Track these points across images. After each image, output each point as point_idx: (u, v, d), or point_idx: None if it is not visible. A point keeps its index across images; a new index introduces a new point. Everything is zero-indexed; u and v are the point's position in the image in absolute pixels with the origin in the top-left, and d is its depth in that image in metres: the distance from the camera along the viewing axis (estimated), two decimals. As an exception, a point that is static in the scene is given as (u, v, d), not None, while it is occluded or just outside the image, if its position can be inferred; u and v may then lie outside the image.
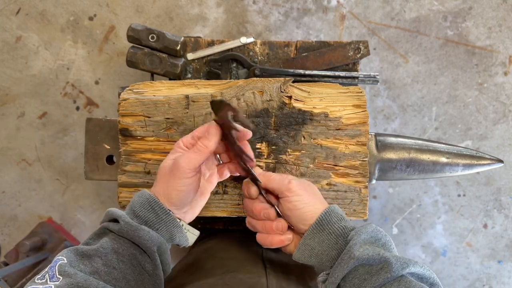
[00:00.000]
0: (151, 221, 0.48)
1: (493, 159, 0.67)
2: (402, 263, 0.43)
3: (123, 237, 0.46)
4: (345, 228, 0.48)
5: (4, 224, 1.24)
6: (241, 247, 0.68)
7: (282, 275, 0.57)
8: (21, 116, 1.18)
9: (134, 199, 0.50)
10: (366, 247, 0.45)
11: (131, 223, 0.46)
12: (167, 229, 0.49)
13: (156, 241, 0.47)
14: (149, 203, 0.48)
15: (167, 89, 0.61)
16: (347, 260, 0.44)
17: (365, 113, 0.59)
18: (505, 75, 1.15)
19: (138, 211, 0.48)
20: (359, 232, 0.46)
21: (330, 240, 0.48)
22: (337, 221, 0.49)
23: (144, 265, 0.46)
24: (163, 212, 0.48)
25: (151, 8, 1.14)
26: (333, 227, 0.48)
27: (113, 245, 0.45)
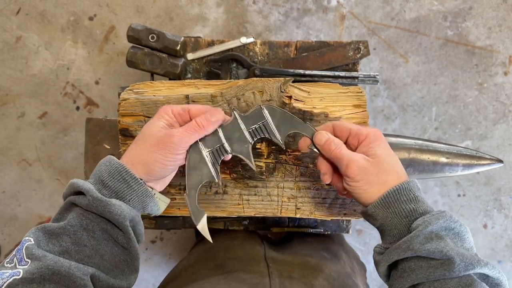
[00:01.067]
0: (121, 191, 0.45)
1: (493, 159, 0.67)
2: (467, 263, 0.40)
3: (92, 212, 0.43)
4: (413, 211, 0.45)
5: (4, 224, 1.24)
6: (243, 247, 0.68)
7: (285, 274, 0.57)
8: (21, 116, 1.18)
9: (101, 167, 0.46)
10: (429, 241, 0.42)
11: (100, 198, 0.43)
12: (139, 199, 0.46)
13: (129, 214, 0.44)
14: (119, 173, 0.45)
15: (167, 89, 0.61)
16: (404, 249, 0.43)
17: (365, 113, 0.59)
18: (505, 75, 1.15)
19: (107, 180, 0.45)
20: (427, 223, 0.43)
21: (394, 219, 0.46)
22: (406, 201, 0.46)
23: (117, 238, 0.44)
24: (135, 182, 0.46)
25: (151, 8, 1.14)
26: (400, 207, 0.45)
27: (81, 221, 0.43)
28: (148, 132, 0.48)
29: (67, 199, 0.45)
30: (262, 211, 0.61)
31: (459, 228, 0.44)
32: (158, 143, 0.47)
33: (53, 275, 0.38)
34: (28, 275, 0.37)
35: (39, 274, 0.37)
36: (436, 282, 0.41)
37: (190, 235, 1.24)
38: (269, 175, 0.60)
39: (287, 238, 0.82)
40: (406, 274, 0.43)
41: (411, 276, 0.42)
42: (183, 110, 0.50)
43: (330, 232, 0.77)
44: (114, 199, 0.44)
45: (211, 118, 0.49)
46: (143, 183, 0.47)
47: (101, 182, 0.45)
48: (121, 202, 0.44)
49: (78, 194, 0.45)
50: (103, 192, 0.44)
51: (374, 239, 1.23)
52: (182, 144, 0.47)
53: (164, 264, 1.26)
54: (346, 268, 0.69)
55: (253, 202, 0.61)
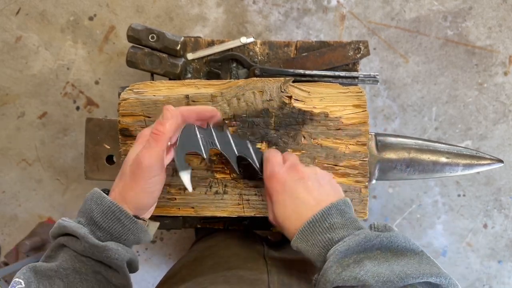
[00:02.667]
0: (117, 232, 0.44)
1: (493, 159, 0.67)
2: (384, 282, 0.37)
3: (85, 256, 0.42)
4: (330, 240, 0.43)
5: (4, 224, 1.24)
6: (243, 245, 0.68)
7: (284, 270, 0.57)
8: (21, 116, 1.18)
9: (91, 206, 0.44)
10: (345, 269, 0.40)
11: (96, 244, 0.42)
12: (135, 237, 0.45)
13: (126, 256, 0.43)
14: (112, 213, 0.43)
15: (167, 89, 0.61)
16: (324, 283, 0.41)
17: (365, 113, 0.59)
18: (505, 75, 1.15)
19: (100, 222, 0.43)
20: (338, 250, 0.41)
21: (314, 252, 0.44)
22: (321, 232, 0.44)
23: (111, 279, 0.44)
24: (130, 221, 0.44)
25: (151, 8, 1.14)
26: (316, 238, 0.43)
27: (74, 264, 0.42)
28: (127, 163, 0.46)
29: (58, 240, 0.44)
30: (263, 211, 0.61)
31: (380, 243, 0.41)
32: (132, 175, 0.45)
33: None
34: None
35: None
36: None
37: (190, 235, 1.24)
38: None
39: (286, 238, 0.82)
40: None
41: None
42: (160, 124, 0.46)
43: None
44: (109, 241, 0.43)
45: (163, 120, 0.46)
46: (137, 220, 0.45)
47: (94, 223, 0.43)
48: (118, 245, 0.43)
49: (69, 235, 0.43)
50: (97, 234, 0.43)
51: (374, 239, 1.23)
52: (152, 164, 0.44)
53: (164, 264, 1.26)
54: None
55: (253, 202, 0.61)
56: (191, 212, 0.62)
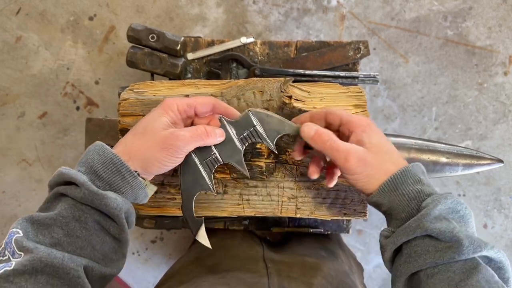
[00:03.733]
0: (116, 184, 0.44)
1: (493, 159, 0.67)
2: (476, 246, 0.40)
3: (85, 204, 0.42)
4: (420, 192, 0.44)
5: (4, 224, 1.24)
6: (242, 246, 0.68)
7: (284, 274, 0.57)
8: (21, 116, 1.18)
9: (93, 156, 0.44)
10: (439, 220, 0.41)
11: (95, 192, 0.42)
12: (133, 192, 0.46)
13: (124, 207, 0.44)
14: (113, 164, 0.44)
15: (167, 89, 0.61)
16: (414, 228, 0.42)
17: (365, 113, 0.59)
18: (505, 75, 1.15)
19: (101, 172, 0.44)
20: (436, 201, 0.42)
21: (402, 202, 0.44)
22: (412, 183, 0.45)
23: (109, 228, 0.43)
24: (130, 175, 0.44)
25: (151, 8, 1.14)
26: (407, 188, 0.44)
27: (73, 212, 0.42)
28: (151, 127, 0.47)
29: (56, 189, 0.44)
30: (262, 211, 0.61)
31: (465, 211, 0.43)
32: (161, 142, 0.46)
33: (46, 267, 0.37)
34: (20, 266, 0.36)
35: (31, 266, 0.37)
36: (442, 265, 0.40)
37: (190, 235, 1.24)
38: (269, 175, 0.60)
39: (286, 238, 0.82)
40: (412, 259, 0.42)
41: (418, 261, 0.41)
42: (189, 107, 0.49)
43: (330, 232, 0.78)
44: (109, 191, 0.43)
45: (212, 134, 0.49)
46: (137, 175, 0.46)
47: (94, 172, 0.44)
48: (116, 195, 0.43)
49: (67, 184, 0.43)
50: (96, 183, 0.43)
51: (374, 239, 1.23)
52: (186, 148, 0.47)
53: (164, 264, 1.26)
54: (344, 266, 0.69)
55: (253, 202, 0.61)
56: (191, 212, 0.61)
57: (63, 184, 0.44)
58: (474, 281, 0.38)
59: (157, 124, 0.47)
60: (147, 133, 0.47)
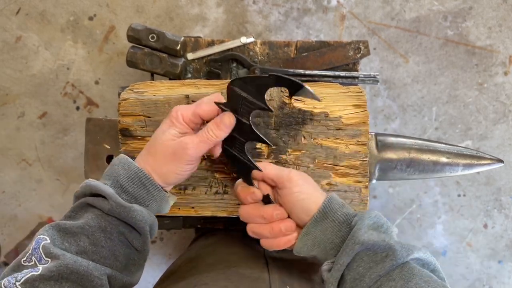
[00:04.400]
0: (141, 197, 0.46)
1: (493, 159, 0.67)
2: (407, 249, 0.42)
3: (111, 216, 0.44)
4: (347, 214, 0.47)
5: (4, 224, 1.24)
6: (243, 244, 0.68)
7: (284, 270, 0.57)
8: (21, 116, 1.18)
9: (118, 170, 0.46)
10: (370, 233, 0.44)
11: (123, 204, 0.43)
12: (157, 205, 0.48)
13: (149, 219, 0.45)
14: (139, 178, 0.46)
15: (167, 89, 0.61)
16: (352, 246, 0.43)
17: (365, 113, 0.59)
18: (505, 75, 1.15)
19: (126, 186, 0.45)
20: (363, 217, 0.45)
21: (334, 228, 0.47)
22: (339, 208, 0.48)
23: (132, 241, 0.45)
24: (155, 189, 0.47)
25: (151, 8, 1.14)
26: (336, 214, 0.47)
27: (100, 223, 0.43)
28: (160, 141, 0.48)
29: (84, 200, 0.45)
30: (262, 211, 0.61)
31: (387, 224, 0.47)
32: (172, 154, 0.47)
33: (72, 274, 0.38)
34: (46, 272, 0.37)
35: (58, 272, 0.38)
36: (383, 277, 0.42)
37: (190, 235, 1.24)
38: (269, 175, 0.60)
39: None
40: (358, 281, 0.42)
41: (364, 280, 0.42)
42: (194, 116, 0.49)
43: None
44: (135, 204, 0.45)
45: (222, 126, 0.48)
46: (161, 188, 0.47)
47: (120, 186, 0.45)
48: (142, 208, 0.45)
49: (95, 196, 0.45)
50: (122, 197, 0.45)
51: (374, 239, 1.23)
52: (197, 154, 0.47)
53: (164, 264, 1.26)
54: None
55: (253, 202, 0.60)
56: (191, 212, 0.62)
57: (90, 195, 0.45)
58: (413, 283, 0.40)
59: (166, 137, 0.48)
60: (158, 147, 0.48)
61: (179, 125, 0.48)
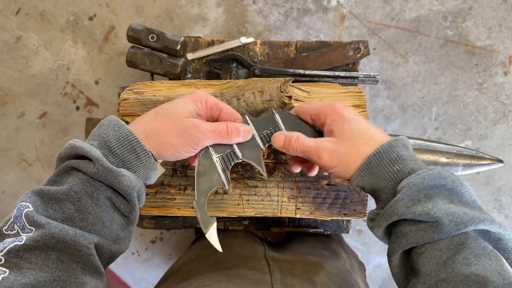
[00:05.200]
0: (129, 162, 0.43)
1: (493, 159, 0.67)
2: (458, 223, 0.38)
3: (98, 180, 0.41)
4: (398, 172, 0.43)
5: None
6: (244, 245, 0.68)
7: (286, 271, 0.57)
8: (21, 116, 1.18)
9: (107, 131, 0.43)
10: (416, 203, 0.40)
11: (110, 168, 0.41)
12: (145, 172, 0.45)
13: (137, 185, 0.43)
14: (129, 142, 0.43)
15: (167, 89, 0.61)
16: (390, 214, 0.41)
17: (365, 113, 0.59)
18: (505, 75, 1.15)
19: (115, 148, 0.43)
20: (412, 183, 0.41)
21: (380, 183, 0.44)
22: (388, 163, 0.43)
23: (119, 206, 0.43)
24: (145, 154, 0.44)
25: (151, 8, 1.14)
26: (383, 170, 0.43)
27: (86, 188, 0.41)
28: (174, 111, 0.46)
29: (67, 163, 0.42)
30: (262, 211, 0.61)
31: (452, 184, 0.41)
32: (182, 130, 0.45)
33: (58, 243, 0.37)
34: (31, 242, 0.36)
35: (43, 241, 0.36)
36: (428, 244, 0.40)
37: (190, 235, 1.24)
38: (269, 175, 0.60)
39: (287, 239, 0.82)
40: (398, 239, 0.42)
41: (402, 241, 0.41)
42: (216, 107, 0.49)
43: (330, 232, 0.77)
44: (122, 169, 0.42)
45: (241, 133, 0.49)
46: (151, 155, 0.45)
47: (108, 147, 0.43)
48: (130, 173, 0.43)
49: (79, 158, 0.42)
50: (110, 159, 0.43)
51: (374, 239, 1.23)
52: (205, 142, 0.46)
53: (164, 264, 1.26)
54: (346, 265, 0.69)
55: (253, 202, 0.61)
56: (191, 212, 0.62)
57: (75, 157, 0.43)
58: (462, 257, 0.37)
59: (181, 110, 0.46)
60: (169, 116, 0.46)
61: (200, 105, 0.48)
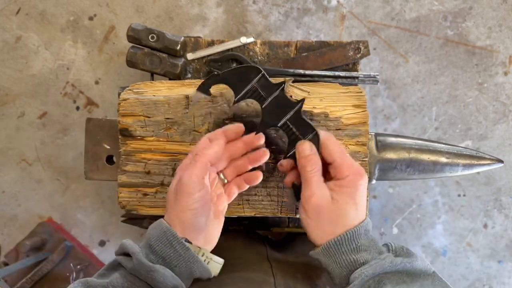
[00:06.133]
0: (169, 257, 0.45)
1: (493, 159, 0.67)
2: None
3: (135, 275, 0.44)
4: (354, 262, 0.44)
5: (4, 224, 1.24)
6: (246, 247, 0.68)
7: (289, 274, 0.57)
8: (21, 116, 1.18)
9: (151, 231, 0.47)
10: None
11: (144, 263, 0.43)
12: (186, 265, 0.45)
13: (171, 282, 0.44)
14: (166, 237, 0.45)
15: (167, 89, 0.61)
16: None
17: (365, 113, 0.59)
18: (505, 75, 1.15)
19: (155, 245, 0.45)
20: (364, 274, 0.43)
21: (335, 269, 0.46)
22: (347, 251, 0.45)
23: None
24: (182, 247, 0.45)
25: (151, 8, 1.14)
26: (340, 257, 0.45)
27: (123, 283, 0.43)
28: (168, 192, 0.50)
29: (115, 258, 0.46)
30: (262, 211, 0.61)
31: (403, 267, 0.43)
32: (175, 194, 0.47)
33: None
34: None
35: None
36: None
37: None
38: (269, 175, 0.60)
39: (288, 239, 0.82)
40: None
41: None
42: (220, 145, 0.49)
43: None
44: (159, 265, 0.44)
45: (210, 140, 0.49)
46: (190, 248, 0.45)
47: (149, 246, 0.45)
48: (166, 269, 0.44)
49: (127, 255, 0.45)
50: (150, 257, 0.45)
51: (374, 239, 1.23)
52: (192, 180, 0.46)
53: (164, 264, 1.26)
54: None
55: (253, 202, 0.61)
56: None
57: (122, 254, 0.46)
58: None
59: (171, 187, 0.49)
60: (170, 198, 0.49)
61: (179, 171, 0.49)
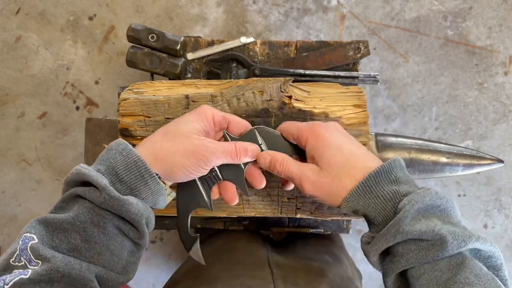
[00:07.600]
0: (137, 188, 0.43)
1: (493, 159, 0.67)
2: (460, 241, 0.38)
3: (104, 209, 0.40)
4: (396, 193, 0.42)
5: (4, 224, 1.24)
6: (247, 250, 0.67)
7: (290, 279, 0.56)
8: (21, 116, 1.18)
9: (116, 157, 0.43)
10: (418, 221, 0.39)
11: (117, 197, 0.40)
12: (153, 198, 0.44)
13: (145, 212, 0.42)
14: (137, 168, 0.42)
15: (167, 89, 0.61)
16: (393, 233, 0.40)
17: (365, 113, 0.59)
18: (505, 75, 1.15)
19: (122, 175, 0.42)
20: (413, 201, 0.40)
21: (377, 205, 0.43)
22: (387, 183, 0.43)
23: (128, 233, 0.42)
24: (153, 181, 0.43)
25: (151, 8, 1.14)
26: (381, 191, 0.42)
27: (92, 217, 0.40)
28: (183, 131, 0.46)
29: (74, 190, 0.42)
30: (262, 211, 0.61)
31: (445, 205, 0.41)
32: (193, 151, 0.45)
33: (63, 277, 0.37)
34: (36, 276, 0.35)
35: (48, 276, 0.36)
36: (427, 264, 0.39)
37: (190, 235, 1.24)
38: (269, 176, 0.60)
39: (289, 239, 0.82)
40: (396, 259, 0.41)
41: (401, 261, 0.40)
42: (224, 120, 0.49)
43: (330, 232, 0.77)
44: (129, 196, 0.42)
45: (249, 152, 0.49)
46: (159, 181, 0.44)
47: (115, 174, 0.42)
48: (137, 200, 0.42)
49: (86, 184, 0.41)
50: (117, 186, 0.42)
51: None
52: (215, 162, 0.46)
53: (164, 264, 1.26)
54: (348, 272, 0.69)
55: (253, 202, 0.61)
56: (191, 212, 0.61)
57: (81, 184, 0.42)
58: (463, 277, 0.37)
59: (190, 129, 0.46)
60: (179, 136, 0.46)
61: (206, 122, 0.48)
